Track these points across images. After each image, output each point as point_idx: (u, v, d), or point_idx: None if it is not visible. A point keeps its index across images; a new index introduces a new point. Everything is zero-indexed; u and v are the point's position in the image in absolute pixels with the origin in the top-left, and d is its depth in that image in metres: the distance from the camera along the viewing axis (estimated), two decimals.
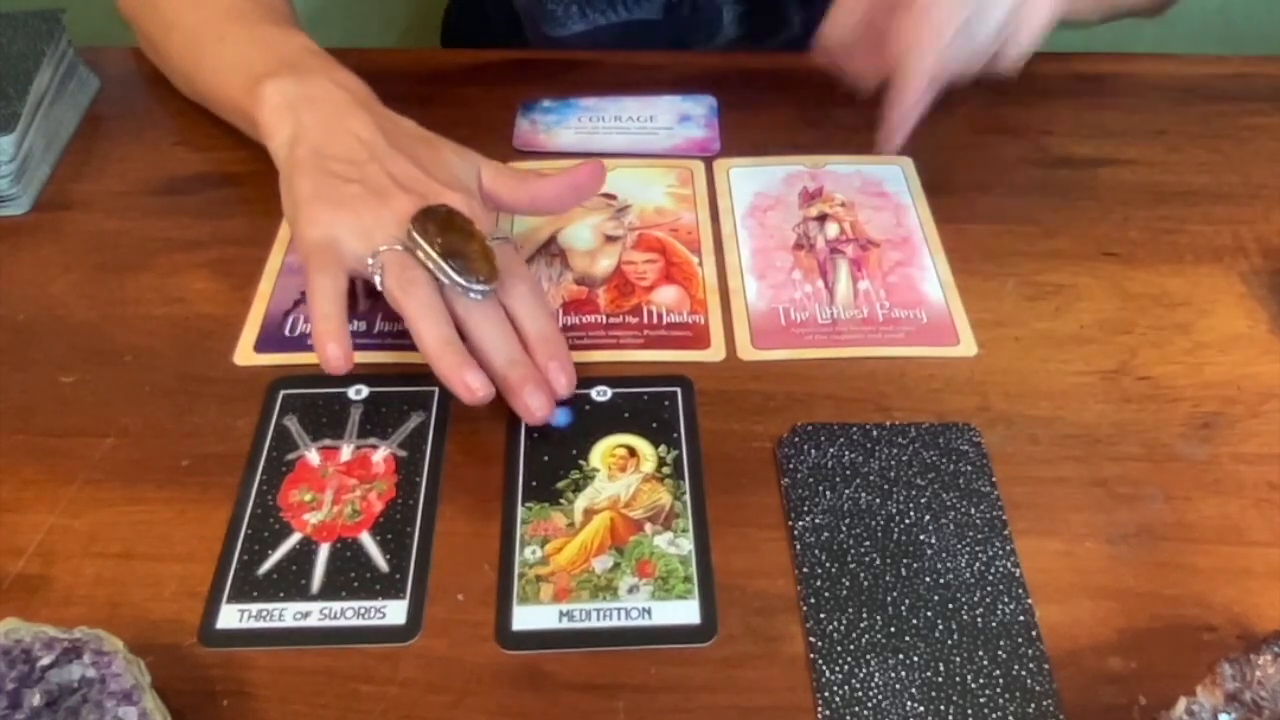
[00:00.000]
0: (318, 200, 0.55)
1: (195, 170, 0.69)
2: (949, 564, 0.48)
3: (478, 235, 0.54)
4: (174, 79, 0.72)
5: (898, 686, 0.44)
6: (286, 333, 0.59)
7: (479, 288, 0.52)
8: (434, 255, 0.52)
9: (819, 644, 0.46)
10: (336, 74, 0.61)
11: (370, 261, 0.53)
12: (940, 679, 0.45)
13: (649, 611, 0.47)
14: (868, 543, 0.49)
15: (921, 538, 0.49)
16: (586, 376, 0.56)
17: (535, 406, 0.52)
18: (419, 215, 0.53)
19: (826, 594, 0.47)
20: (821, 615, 0.47)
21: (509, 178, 0.60)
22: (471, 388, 0.51)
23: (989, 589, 0.47)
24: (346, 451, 0.53)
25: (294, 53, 0.62)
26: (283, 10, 0.68)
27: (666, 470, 0.52)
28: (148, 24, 0.71)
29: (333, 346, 0.51)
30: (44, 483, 0.51)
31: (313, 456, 0.53)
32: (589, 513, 0.50)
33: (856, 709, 0.44)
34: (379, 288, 0.53)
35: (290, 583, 0.48)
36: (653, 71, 0.77)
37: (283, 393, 0.55)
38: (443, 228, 0.53)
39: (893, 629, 0.46)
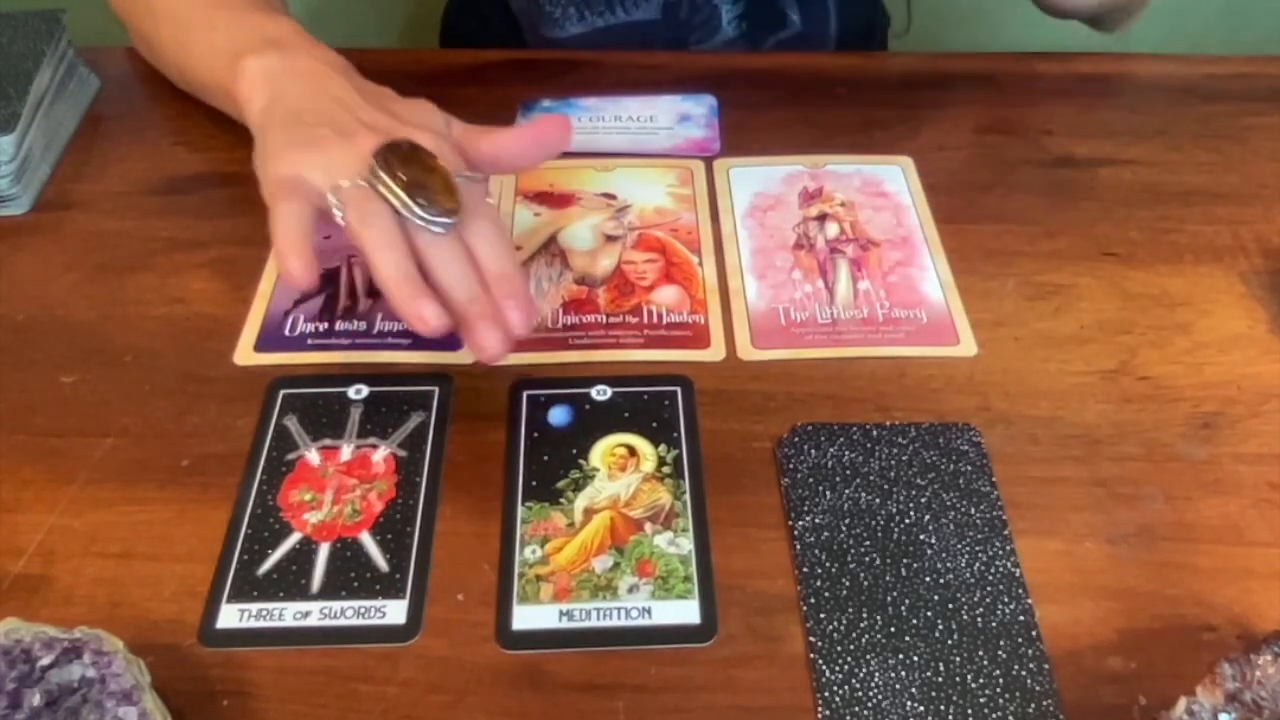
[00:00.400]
0: (285, 146, 0.54)
1: (195, 170, 0.69)
2: (949, 564, 0.48)
3: (440, 170, 0.53)
4: (168, 72, 0.72)
5: (898, 686, 0.44)
6: (286, 332, 0.59)
7: (441, 220, 0.51)
8: (395, 189, 0.51)
9: (819, 644, 0.46)
10: (320, 51, 0.61)
11: (332, 199, 0.52)
12: (940, 679, 0.45)
13: (649, 611, 0.47)
14: (868, 543, 0.49)
15: (921, 538, 0.49)
16: (586, 376, 0.56)
17: (489, 344, 0.51)
18: (382, 150, 0.52)
19: (826, 594, 0.47)
20: (821, 615, 0.47)
21: (475, 131, 0.59)
22: (425, 318, 0.50)
23: (989, 589, 0.47)
24: (346, 451, 0.53)
25: (280, 33, 0.62)
26: None
27: (666, 470, 0.52)
28: (139, 20, 0.71)
29: (295, 260, 0.50)
30: (44, 483, 0.51)
31: (313, 456, 0.53)
32: (589, 512, 0.50)
33: (856, 709, 0.44)
34: (341, 224, 0.52)
35: (290, 582, 0.48)
36: (653, 71, 0.77)
37: (283, 392, 0.55)
38: (405, 161, 0.52)
39: (893, 629, 0.46)
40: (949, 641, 0.46)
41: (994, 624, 0.46)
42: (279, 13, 0.65)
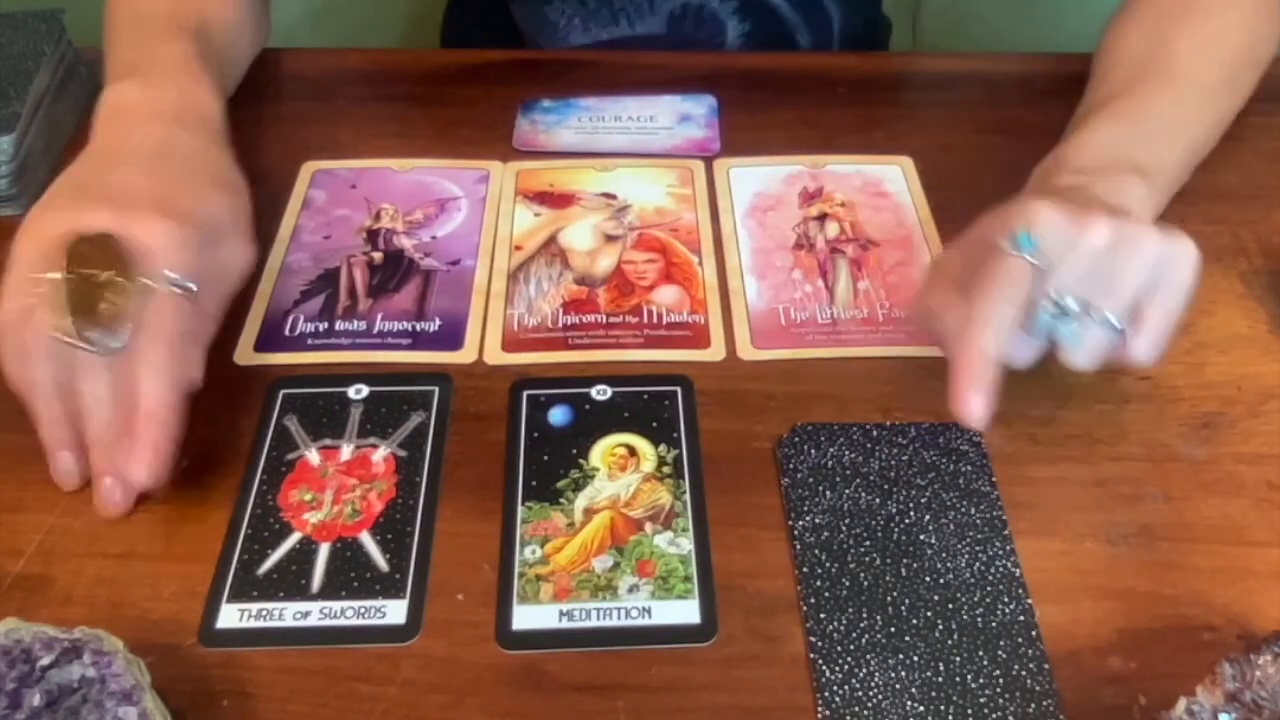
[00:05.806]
0: (52, 198, 0.53)
1: None
2: (949, 564, 0.48)
3: (127, 277, 0.49)
4: None
5: (898, 686, 0.44)
6: (287, 332, 0.59)
7: (82, 347, 0.48)
8: (59, 294, 0.48)
9: (819, 644, 0.46)
10: (187, 86, 0.60)
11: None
12: (940, 679, 0.45)
13: (649, 611, 0.47)
14: (868, 543, 0.49)
15: (921, 538, 0.49)
16: (586, 376, 0.56)
17: (105, 498, 0.49)
18: (73, 244, 0.49)
19: (826, 594, 0.47)
20: (821, 615, 0.47)
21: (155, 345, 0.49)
22: (57, 473, 0.50)
23: (989, 589, 0.47)
24: (346, 451, 0.53)
25: (157, 59, 0.61)
26: (197, 14, 0.66)
27: (666, 470, 0.52)
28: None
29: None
30: (44, 483, 0.51)
31: (313, 456, 0.53)
32: (589, 512, 0.50)
33: (856, 709, 0.44)
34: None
35: (290, 582, 0.48)
36: (653, 71, 0.77)
37: (283, 392, 0.55)
38: (83, 261, 0.49)
39: (893, 629, 0.46)
40: (949, 641, 0.46)
41: (994, 624, 0.46)
42: (182, 35, 0.64)
